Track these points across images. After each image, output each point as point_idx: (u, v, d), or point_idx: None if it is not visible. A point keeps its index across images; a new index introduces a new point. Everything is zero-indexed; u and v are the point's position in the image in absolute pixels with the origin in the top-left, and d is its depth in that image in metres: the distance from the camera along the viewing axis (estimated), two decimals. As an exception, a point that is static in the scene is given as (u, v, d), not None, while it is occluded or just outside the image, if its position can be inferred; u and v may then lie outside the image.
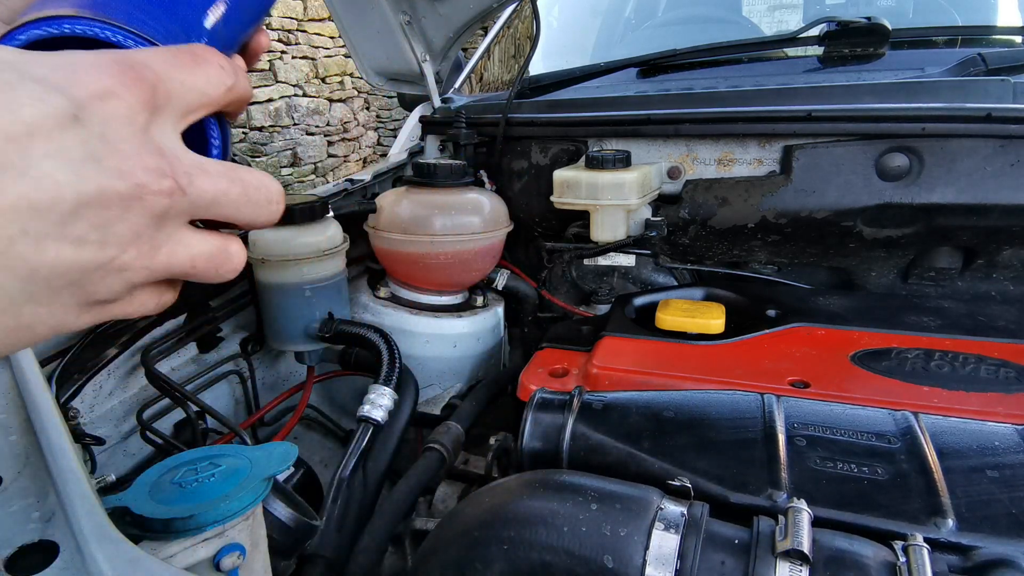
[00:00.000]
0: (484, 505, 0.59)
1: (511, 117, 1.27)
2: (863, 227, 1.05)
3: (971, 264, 1.07)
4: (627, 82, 1.38)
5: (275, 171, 4.81)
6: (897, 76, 1.12)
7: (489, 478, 0.86)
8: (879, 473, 0.58)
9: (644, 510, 0.54)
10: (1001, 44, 1.35)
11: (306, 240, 0.93)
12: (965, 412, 0.69)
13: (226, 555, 0.49)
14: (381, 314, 1.12)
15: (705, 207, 1.12)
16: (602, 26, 1.99)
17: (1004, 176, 0.95)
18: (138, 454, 0.85)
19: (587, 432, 0.68)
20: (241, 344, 1.01)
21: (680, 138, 1.16)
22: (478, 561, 0.54)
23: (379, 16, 1.26)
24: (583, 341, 1.00)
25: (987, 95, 0.97)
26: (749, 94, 1.12)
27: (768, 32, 1.79)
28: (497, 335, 1.24)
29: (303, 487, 0.86)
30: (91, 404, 0.79)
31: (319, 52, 5.15)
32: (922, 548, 0.48)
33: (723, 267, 1.21)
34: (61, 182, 0.26)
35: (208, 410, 0.84)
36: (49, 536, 0.43)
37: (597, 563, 0.50)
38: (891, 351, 0.84)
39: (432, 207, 1.09)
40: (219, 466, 0.53)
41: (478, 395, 1.01)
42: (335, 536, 0.74)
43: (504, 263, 1.30)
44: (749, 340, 0.90)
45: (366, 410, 0.85)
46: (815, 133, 1.05)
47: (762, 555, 0.49)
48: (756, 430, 0.65)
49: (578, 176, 1.09)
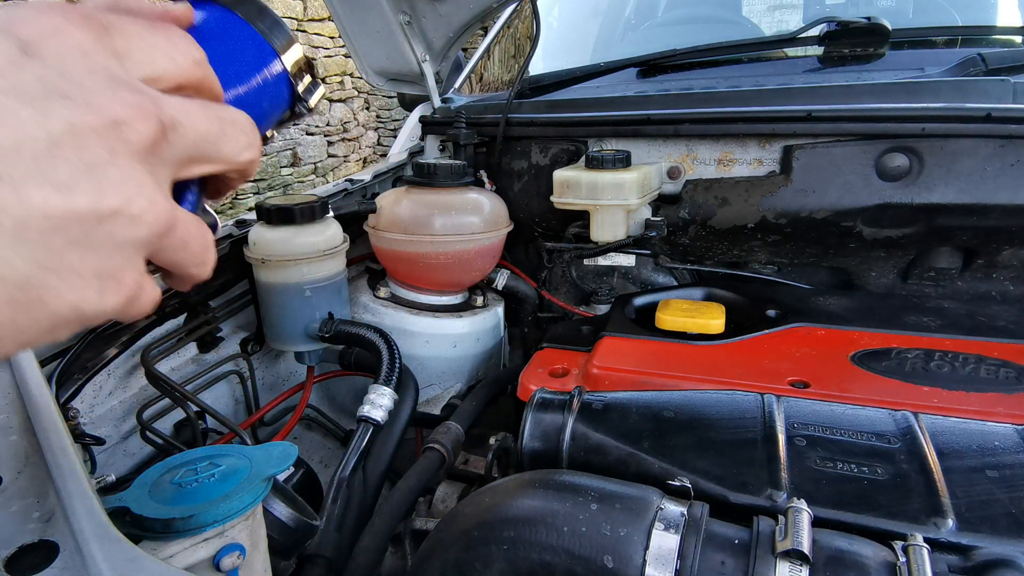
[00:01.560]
0: (484, 505, 0.59)
1: (511, 117, 1.27)
2: (863, 227, 1.05)
3: (971, 264, 1.07)
4: (627, 82, 1.38)
5: (275, 171, 4.81)
6: (897, 76, 1.12)
7: (489, 478, 0.86)
8: (879, 473, 0.58)
9: (644, 510, 0.54)
10: (1001, 44, 1.35)
11: (306, 240, 0.93)
12: (965, 412, 0.69)
13: (226, 555, 0.49)
14: (381, 314, 1.12)
15: (705, 207, 1.12)
16: (602, 26, 1.99)
17: (1004, 176, 0.95)
18: (138, 454, 0.85)
19: (587, 432, 0.68)
20: (241, 344, 1.01)
21: (680, 138, 1.16)
22: (478, 561, 0.54)
23: (379, 16, 1.26)
24: (583, 341, 1.00)
25: (987, 95, 0.97)
26: (749, 94, 1.12)
27: (768, 32, 1.79)
28: (497, 335, 1.24)
29: (303, 487, 0.86)
30: (91, 404, 0.79)
31: (319, 52, 5.15)
32: (922, 548, 0.48)
33: (723, 267, 1.21)
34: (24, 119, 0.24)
35: (208, 410, 0.84)
36: (49, 536, 0.43)
37: (597, 563, 0.50)
38: (891, 351, 0.84)
39: (432, 207, 1.09)
40: (219, 466, 0.53)
41: (478, 395, 1.01)
42: (335, 536, 0.73)
43: (504, 263, 1.30)
44: (749, 340, 0.90)
45: (366, 410, 0.85)
46: (815, 133, 1.05)
47: (762, 555, 0.49)
48: (756, 430, 0.65)
49: (578, 176, 1.09)
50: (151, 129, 0.27)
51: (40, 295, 0.25)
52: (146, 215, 0.27)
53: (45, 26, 0.26)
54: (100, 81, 0.26)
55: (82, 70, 0.26)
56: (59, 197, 0.24)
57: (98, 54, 0.27)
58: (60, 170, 0.24)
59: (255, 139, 0.33)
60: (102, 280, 0.26)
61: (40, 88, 0.24)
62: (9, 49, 0.24)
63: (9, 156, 0.23)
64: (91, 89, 0.26)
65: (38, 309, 0.25)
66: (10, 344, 0.25)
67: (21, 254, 0.24)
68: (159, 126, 0.27)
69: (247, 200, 4.55)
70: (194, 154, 0.30)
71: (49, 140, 0.24)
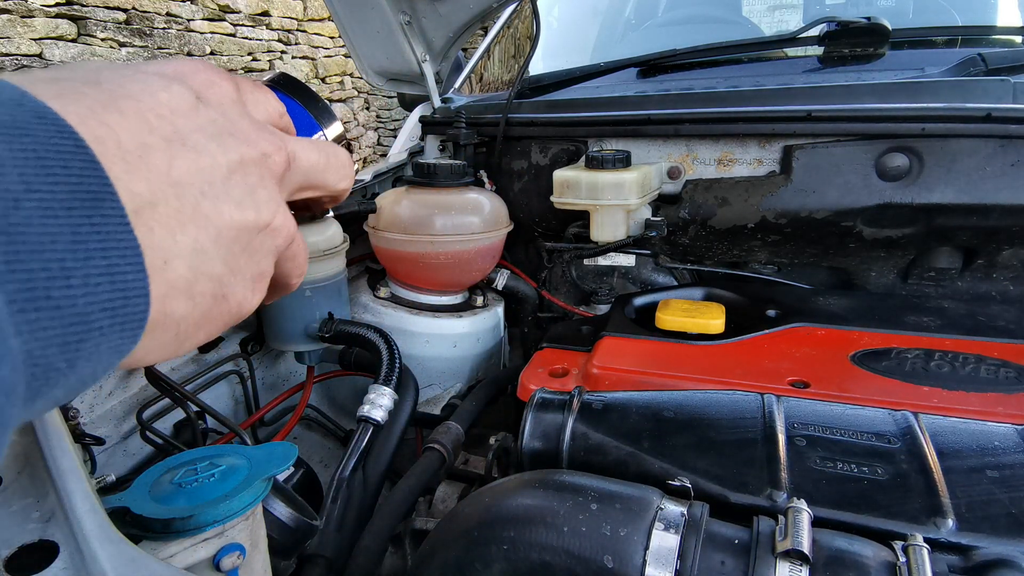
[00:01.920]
0: (484, 505, 0.59)
1: (511, 117, 1.27)
2: (863, 227, 1.05)
3: (971, 264, 1.07)
4: (627, 82, 1.38)
5: (275, 171, 4.81)
6: (897, 76, 1.12)
7: (489, 478, 0.86)
8: (879, 473, 0.58)
9: (644, 510, 0.54)
10: (1001, 44, 1.35)
11: (306, 240, 0.92)
12: (965, 412, 0.69)
13: (226, 555, 0.48)
14: (381, 314, 1.12)
15: (705, 207, 1.12)
16: (602, 26, 1.99)
17: (1004, 176, 0.95)
18: (138, 454, 0.85)
19: (587, 432, 0.68)
20: (241, 344, 1.01)
21: (680, 138, 1.16)
22: (478, 561, 0.54)
23: (379, 16, 1.26)
24: (583, 341, 1.00)
25: (987, 95, 0.97)
26: (749, 94, 1.12)
27: (768, 32, 1.79)
28: (497, 335, 1.23)
29: (303, 487, 0.86)
30: (91, 404, 0.79)
31: (319, 52, 5.15)
32: (922, 548, 0.48)
33: (723, 267, 1.21)
34: (213, 151, 0.30)
35: (208, 410, 0.84)
36: (49, 536, 0.43)
37: (597, 563, 0.50)
38: (891, 351, 0.84)
39: (432, 207, 1.09)
40: (219, 466, 0.53)
41: (478, 395, 1.01)
42: (335, 536, 0.73)
43: (504, 263, 1.30)
44: (749, 340, 0.90)
45: (366, 410, 0.85)
46: (815, 133, 1.05)
47: (762, 555, 0.49)
48: (756, 430, 0.65)
49: (578, 176, 1.09)
50: (284, 160, 0.34)
51: (226, 292, 0.31)
52: (283, 229, 0.34)
53: (205, 79, 0.32)
54: (249, 123, 0.33)
55: (236, 115, 0.32)
56: (238, 212, 0.30)
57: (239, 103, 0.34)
58: (235, 191, 0.30)
59: (351, 172, 0.41)
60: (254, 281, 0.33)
61: (215, 128, 0.30)
62: (189, 96, 0.30)
63: (209, 179, 0.29)
64: (245, 129, 0.32)
65: (224, 304, 0.31)
66: (203, 335, 0.31)
67: (220, 257, 0.30)
68: (287, 157, 0.34)
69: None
70: (305, 182, 0.37)
71: (228, 168, 0.30)
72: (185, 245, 0.28)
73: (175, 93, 0.29)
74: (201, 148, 0.29)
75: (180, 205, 0.28)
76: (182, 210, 0.28)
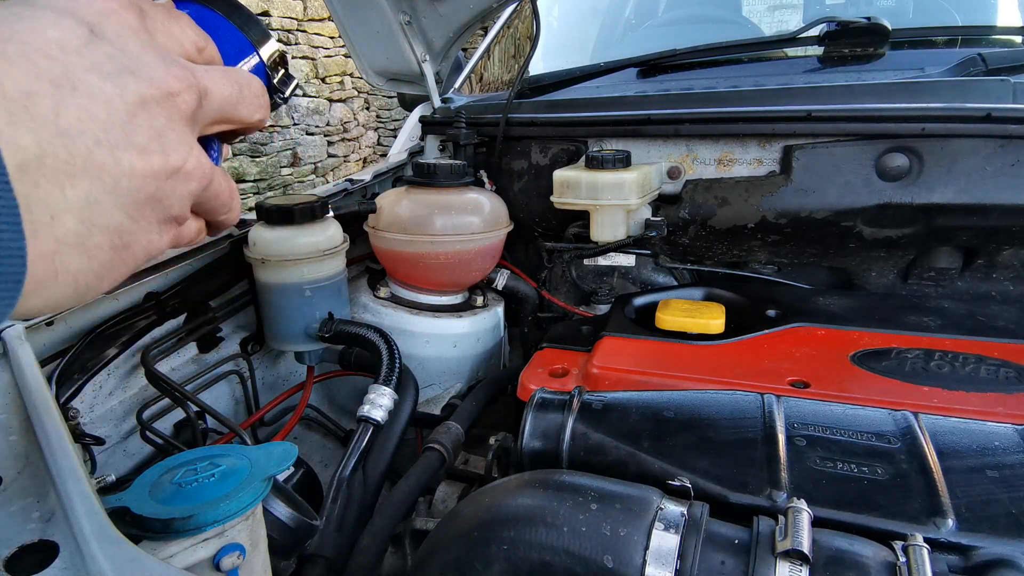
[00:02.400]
0: (484, 505, 0.59)
1: (511, 117, 1.27)
2: (863, 227, 1.05)
3: (971, 264, 1.07)
4: (627, 82, 1.38)
5: (275, 171, 4.81)
6: (897, 76, 1.12)
7: (489, 478, 0.86)
8: (879, 473, 0.58)
9: (644, 510, 0.54)
10: (1001, 44, 1.35)
11: (306, 240, 0.93)
12: (965, 412, 0.69)
13: (226, 555, 0.48)
14: (381, 314, 1.12)
15: (705, 207, 1.12)
16: (602, 26, 1.99)
17: (1004, 176, 0.95)
18: (138, 454, 0.85)
19: (587, 432, 0.68)
20: (241, 344, 1.01)
21: (680, 138, 1.16)
22: (478, 561, 0.54)
23: (379, 16, 1.26)
24: (583, 341, 1.00)
25: (987, 95, 0.97)
26: (749, 94, 1.12)
27: (768, 32, 1.79)
28: (497, 335, 1.23)
29: (303, 487, 0.86)
30: (91, 404, 0.79)
31: (319, 52, 5.15)
32: (922, 548, 0.48)
33: (723, 267, 1.21)
34: (108, 92, 0.27)
35: (208, 410, 0.84)
36: (49, 536, 0.43)
37: (597, 563, 0.50)
38: (891, 351, 0.84)
39: (432, 207, 1.09)
40: (219, 466, 0.53)
41: (478, 395, 1.01)
42: (335, 536, 0.73)
43: (504, 263, 1.30)
44: (749, 340, 0.90)
45: (366, 410, 0.85)
46: (815, 133, 1.05)
47: (762, 555, 0.49)
48: (756, 430, 0.65)
49: (578, 176, 1.09)
50: (194, 98, 0.31)
51: (128, 240, 0.29)
52: (196, 171, 0.32)
53: (101, 7, 0.29)
54: (153, 57, 0.30)
55: (137, 48, 0.30)
56: (141, 159, 0.28)
57: (143, 33, 0.31)
58: (138, 136, 0.28)
59: (265, 101, 0.38)
60: (162, 225, 0.32)
61: (112, 65, 0.28)
62: (81, 30, 0.28)
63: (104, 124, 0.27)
64: (148, 65, 0.30)
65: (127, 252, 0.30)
66: (107, 284, 0.30)
67: (119, 207, 0.28)
68: (198, 95, 0.32)
69: (247, 200, 4.55)
70: (218, 116, 0.34)
71: (127, 111, 0.28)
72: (75, 199, 0.26)
73: (65, 29, 0.27)
74: (95, 90, 0.27)
75: (69, 156, 0.26)
76: (72, 162, 0.26)
